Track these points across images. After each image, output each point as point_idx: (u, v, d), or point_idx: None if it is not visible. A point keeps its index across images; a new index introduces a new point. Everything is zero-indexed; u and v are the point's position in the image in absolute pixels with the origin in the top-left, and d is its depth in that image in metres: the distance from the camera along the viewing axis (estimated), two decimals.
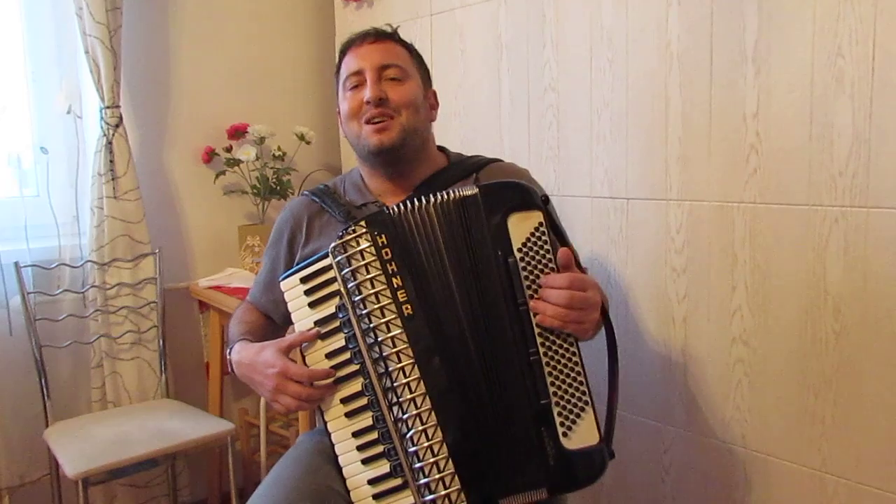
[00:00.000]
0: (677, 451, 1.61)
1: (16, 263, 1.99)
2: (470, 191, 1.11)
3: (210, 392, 2.34)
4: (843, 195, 1.29)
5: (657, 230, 1.58)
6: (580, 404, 1.06)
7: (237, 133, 2.39)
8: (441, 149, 1.43)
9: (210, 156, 2.38)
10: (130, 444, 1.84)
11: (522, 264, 1.06)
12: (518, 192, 1.11)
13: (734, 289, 1.46)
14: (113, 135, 2.11)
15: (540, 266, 1.07)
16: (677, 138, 1.52)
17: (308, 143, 2.45)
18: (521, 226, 1.08)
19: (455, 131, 2.04)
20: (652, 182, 1.58)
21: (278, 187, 2.39)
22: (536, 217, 1.09)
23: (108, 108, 2.09)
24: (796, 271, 1.36)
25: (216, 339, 2.30)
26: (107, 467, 1.76)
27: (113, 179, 2.12)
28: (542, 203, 1.10)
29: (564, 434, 1.05)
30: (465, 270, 1.09)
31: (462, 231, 1.09)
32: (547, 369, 1.06)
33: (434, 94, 1.40)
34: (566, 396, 1.06)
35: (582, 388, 1.06)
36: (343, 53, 1.34)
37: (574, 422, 1.05)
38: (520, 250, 1.07)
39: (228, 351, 1.29)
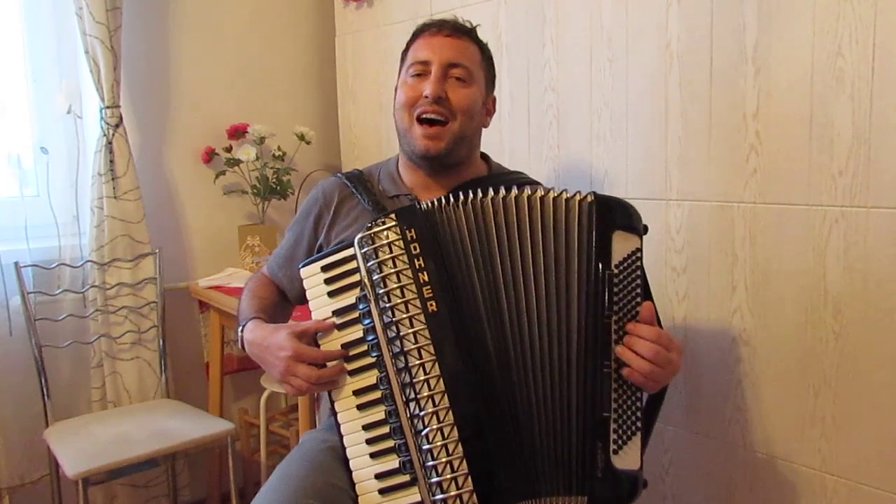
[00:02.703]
0: (677, 451, 1.61)
1: (16, 263, 1.99)
2: (582, 197, 1.10)
3: (210, 392, 2.34)
4: (843, 195, 1.29)
5: (657, 230, 1.57)
6: (633, 427, 1.06)
7: (237, 133, 2.39)
8: (484, 156, 1.42)
9: (210, 156, 2.38)
10: (130, 444, 1.84)
11: (615, 280, 1.06)
12: (629, 212, 1.11)
13: (734, 289, 1.46)
14: (113, 135, 2.11)
15: (629, 288, 1.07)
16: (677, 138, 1.52)
17: (308, 143, 2.45)
18: (622, 244, 1.08)
19: None
20: (652, 182, 1.58)
21: (278, 187, 2.40)
22: (635, 241, 1.09)
23: (108, 108, 2.09)
24: (796, 271, 1.36)
25: (216, 339, 2.30)
26: (107, 467, 1.76)
27: (113, 179, 2.12)
28: (643, 230, 1.11)
29: (615, 451, 1.04)
30: (520, 271, 1.08)
31: (537, 233, 1.08)
32: (614, 385, 1.05)
33: (494, 100, 1.38)
34: (624, 416, 1.05)
35: (638, 412, 1.07)
36: (415, 36, 1.32)
37: (626, 442, 1.05)
38: (616, 266, 1.07)
39: (241, 328, 1.27)
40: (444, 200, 1.12)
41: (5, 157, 2.12)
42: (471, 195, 1.11)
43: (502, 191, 1.11)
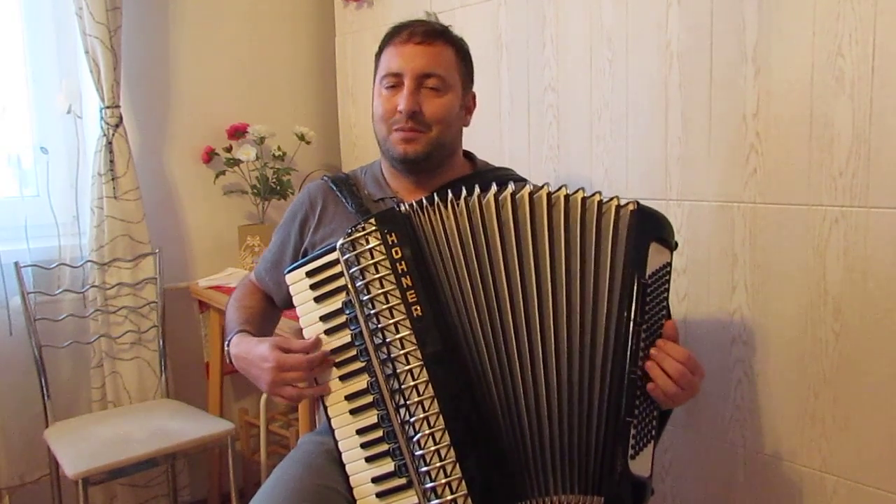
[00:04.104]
0: (677, 451, 1.61)
1: (16, 263, 1.99)
2: (626, 204, 1.10)
3: (210, 392, 2.34)
4: (843, 195, 1.29)
5: None
6: (649, 436, 1.07)
7: (237, 133, 2.39)
8: (468, 155, 1.41)
9: (210, 156, 2.38)
10: (130, 444, 1.84)
11: (647, 290, 1.06)
12: (666, 226, 1.12)
13: (734, 289, 1.46)
14: (113, 135, 2.11)
15: (657, 300, 1.07)
16: (677, 138, 1.52)
17: (308, 143, 2.45)
18: (655, 257, 1.08)
19: None
20: (652, 182, 1.58)
21: (278, 187, 2.40)
22: (667, 256, 1.10)
23: (108, 108, 2.09)
24: (796, 271, 1.36)
25: (216, 339, 2.30)
26: (107, 467, 1.76)
27: (113, 179, 2.12)
28: (674, 247, 1.12)
29: (632, 456, 1.04)
30: (526, 270, 1.06)
31: (557, 234, 1.08)
32: (637, 392, 1.05)
33: (473, 96, 1.36)
34: (643, 423, 1.06)
35: (654, 421, 1.07)
36: (386, 42, 1.29)
37: (642, 448, 1.06)
38: (649, 276, 1.07)
39: (227, 342, 1.27)
40: (424, 202, 1.10)
41: (5, 157, 2.12)
42: (463, 193, 1.10)
43: (511, 186, 1.09)
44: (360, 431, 1.09)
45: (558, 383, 1.05)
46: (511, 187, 1.10)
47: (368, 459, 1.08)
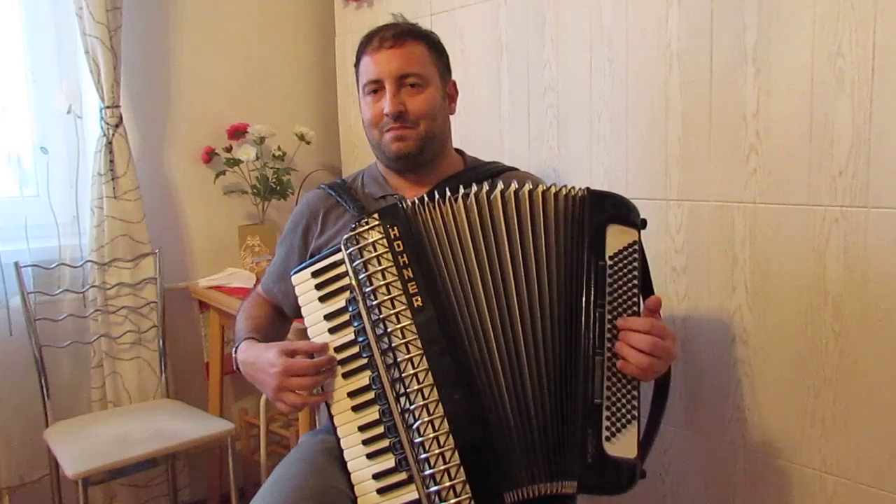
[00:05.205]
0: (677, 451, 1.61)
1: (16, 263, 1.99)
2: (577, 191, 1.13)
3: (210, 392, 2.34)
4: (843, 195, 1.29)
5: (657, 230, 1.57)
6: (629, 416, 1.07)
7: (237, 133, 2.39)
8: (458, 151, 1.45)
9: (210, 156, 2.38)
10: (130, 444, 1.84)
11: (609, 272, 1.08)
12: (624, 206, 1.14)
13: (734, 289, 1.46)
14: (113, 135, 2.11)
15: (624, 280, 1.09)
16: (677, 138, 1.52)
17: (308, 143, 2.45)
18: (617, 237, 1.10)
19: (455, 131, 2.03)
20: (652, 182, 1.58)
21: (278, 187, 2.40)
22: (633, 235, 1.12)
23: (108, 108, 2.09)
24: (796, 271, 1.36)
25: (216, 339, 2.30)
26: (107, 467, 1.76)
27: (113, 179, 2.12)
28: (640, 225, 1.13)
29: (608, 438, 1.05)
30: (509, 264, 1.10)
31: (527, 225, 1.11)
32: (607, 374, 1.07)
33: (454, 84, 1.40)
34: (618, 404, 1.07)
35: (634, 401, 1.08)
36: (361, 51, 1.34)
37: (619, 430, 1.06)
38: (611, 258, 1.09)
39: (234, 349, 1.29)
40: (426, 198, 1.14)
41: (5, 157, 2.12)
42: (461, 190, 1.14)
43: (485, 186, 1.14)
44: (361, 428, 1.10)
45: (535, 374, 1.08)
46: (500, 185, 1.14)
47: (370, 456, 1.10)
